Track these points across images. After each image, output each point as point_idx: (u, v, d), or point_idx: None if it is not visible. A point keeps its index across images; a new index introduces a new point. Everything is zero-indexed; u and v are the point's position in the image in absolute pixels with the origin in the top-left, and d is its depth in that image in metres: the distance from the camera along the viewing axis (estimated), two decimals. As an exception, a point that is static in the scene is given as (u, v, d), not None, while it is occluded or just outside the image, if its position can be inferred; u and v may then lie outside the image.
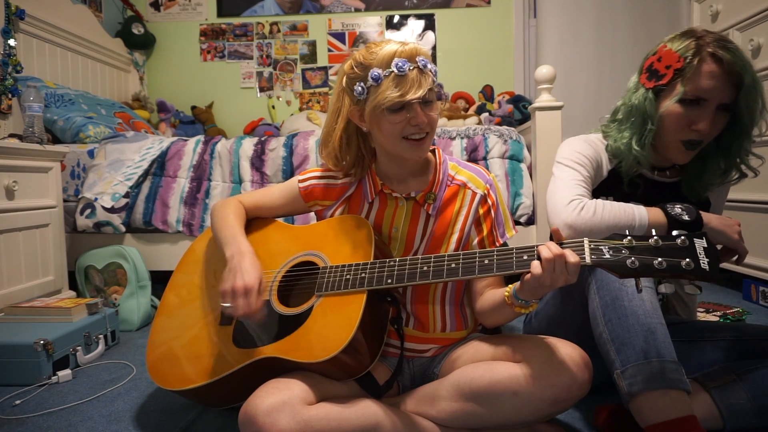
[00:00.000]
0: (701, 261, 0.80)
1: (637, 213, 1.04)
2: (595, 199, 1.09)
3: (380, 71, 1.00)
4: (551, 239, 0.91)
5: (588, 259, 0.86)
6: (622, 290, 0.96)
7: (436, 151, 1.18)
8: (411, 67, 1.00)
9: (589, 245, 0.87)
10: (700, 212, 1.04)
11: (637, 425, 0.94)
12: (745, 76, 1.03)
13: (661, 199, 1.16)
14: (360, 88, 1.03)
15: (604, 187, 1.22)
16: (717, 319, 1.84)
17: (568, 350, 0.94)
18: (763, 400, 1.00)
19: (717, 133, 1.10)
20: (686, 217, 1.01)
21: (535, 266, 0.87)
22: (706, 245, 0.82)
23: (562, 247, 0.87)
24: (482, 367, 0.99)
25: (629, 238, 0.85)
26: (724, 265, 2.27)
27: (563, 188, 1.12)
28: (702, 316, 1.86)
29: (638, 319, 0.93)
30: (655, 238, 0.84)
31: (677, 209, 1.03)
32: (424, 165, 1.16)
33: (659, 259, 0.82)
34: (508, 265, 0.92)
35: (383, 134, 1.05)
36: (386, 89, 1.00)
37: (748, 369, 1.05)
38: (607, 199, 1.12)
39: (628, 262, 0.83)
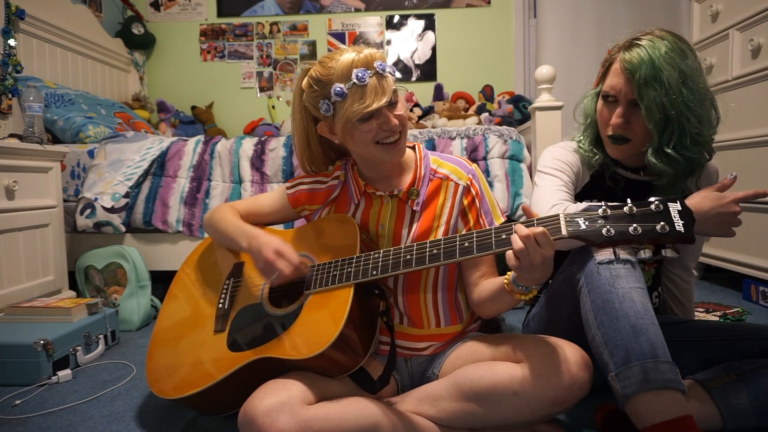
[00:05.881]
0: (676, 224, 0.81)
1: None
2: (577, 203, 1.11)
3: (342, 86, 1.01)
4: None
5: (564, 231, 0.87)
6: (613, 293, 0.96)
7: (416, 146, 1.19)
8: (370, 75, 1.01)
9: (565, 218, 0.88)
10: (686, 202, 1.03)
11: (636, 425, 0.94)
12: (636, 72, 1.07)
13: (641, 196, 1.17)
14: (326, 105, 1.05)
15: (588, 190, 1.25)
16: (717, 319, 1.84)
17: (568, 350, 0.95)
18: (763, 400, 1.00)
19: (642, 129, 1.12)
20: None
21: (510, 257, 0.89)
22: (680, 208, 0.83)
23: (537, 224, 0.89)
24: (482, 367, 0.99)
25: (603, 207, 0.86)
26: (723, 265, 2.28)
27: (545, 195, 1.16)
28: (702, 316, 1.86)
29: (629, 320, 0.93)
30: (630, 205, 0.85)
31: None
32: (404, 162, 1.17)
33: (634, 225, 0.83)
34: (488, 245, 0.94)
35: (357, 144, 1.08)
36: (352, 102, 1.01)
37: (748, 369, 1.05)
38: (591, 202, 1.14)
39: (604, 230, 0.84)
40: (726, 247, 2.27)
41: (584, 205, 1.08)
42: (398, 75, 1.08)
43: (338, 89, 1.01)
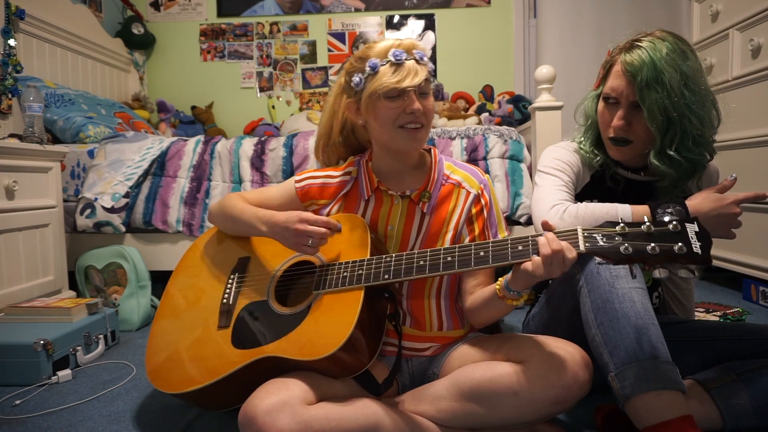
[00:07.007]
0: (693, 245, 0.82)
1: (620, 211, 1.05)
2: (577, 203, 1.10)
3: (378, 60, 1.05)
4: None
5: (582, 247, 0.87)
6: (613, 293, 0.96)
7: (432, 150, 1.20)
8: (407, 57, 1.04)
9: (583, 233, 0.88)
10: (687, 204, 1.03)
11: (636, 425, 0.94)
12: (638, 74, 1.07)
13: (642, 197, 1.19)
14: (358, 78, 1.07)
15: (589, 190, 1.25)
16: (717, 319, 1.84)
17: (568, 350, 0.95)
18: (763, 400, 1.00)
19: (643, 131, 1.12)
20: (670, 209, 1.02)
21: (536, 261, 0.88)
22: (697, 229, 0.83)
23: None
24: (483, 366, 0.99)
25: (622, 225, 0.86)
26: (723, 265, 2.28)
27: (546, 195, 1.16)
28: (702, 316, 1.86)
29: (629, 320, 0.93)
30: (648, 224, 0.85)
31: (663, 204, 1.03)
32: (419, 163, 1.18)
33: (652, 244, 0.83)
34: (504, 256, 0.93)
35: (379, 122, 1.08)
36: (383, 75, 1.04)
37: (748, 369, 1.05)
38: (591, 202, 1.14)
39: (622, 248, 0.84)
40: (726, 247, 2.27)
41: (585, 205, 1.08)
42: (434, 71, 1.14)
43: (373, 62, 1.05)
